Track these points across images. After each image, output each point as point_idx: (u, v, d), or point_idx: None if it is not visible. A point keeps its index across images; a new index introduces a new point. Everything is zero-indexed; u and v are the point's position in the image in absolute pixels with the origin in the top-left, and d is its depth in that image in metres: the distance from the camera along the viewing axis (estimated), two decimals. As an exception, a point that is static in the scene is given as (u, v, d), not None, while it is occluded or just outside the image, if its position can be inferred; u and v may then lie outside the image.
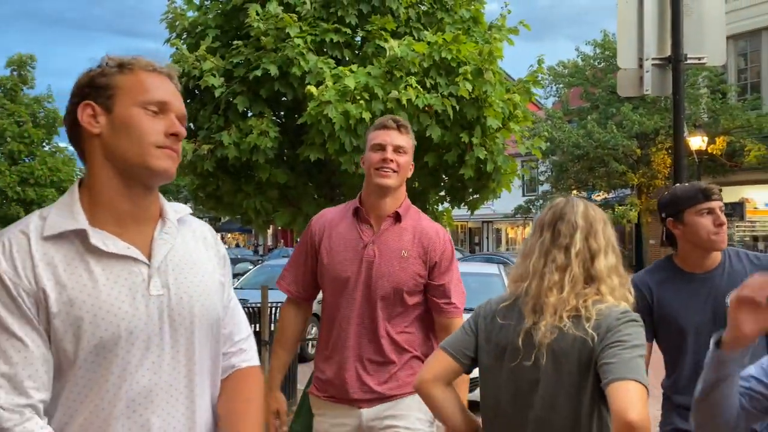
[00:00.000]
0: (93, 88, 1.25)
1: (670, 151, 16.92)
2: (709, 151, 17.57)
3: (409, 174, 2.35)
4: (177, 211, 1.36)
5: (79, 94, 1.25)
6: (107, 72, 1.25)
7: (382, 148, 2.26)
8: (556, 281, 1.62)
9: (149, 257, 1.26)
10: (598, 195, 21.21)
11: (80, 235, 1.20)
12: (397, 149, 2.27)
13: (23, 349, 1.11)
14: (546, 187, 22.79)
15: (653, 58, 4.48)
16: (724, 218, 2.22)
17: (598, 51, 20.36)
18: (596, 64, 20.18)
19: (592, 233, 1.67)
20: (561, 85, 22.11)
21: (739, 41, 21.59)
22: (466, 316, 2.09)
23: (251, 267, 17.33)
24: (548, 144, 19.46)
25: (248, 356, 1.45)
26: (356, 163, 4.67)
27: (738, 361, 1.34)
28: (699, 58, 4.52)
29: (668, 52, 4.47)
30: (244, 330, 1.47)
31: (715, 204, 2.23)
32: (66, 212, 1.22)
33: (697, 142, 16.59)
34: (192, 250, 1.34)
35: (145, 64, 1.27)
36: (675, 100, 4.46)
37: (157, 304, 1.23)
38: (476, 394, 1.86)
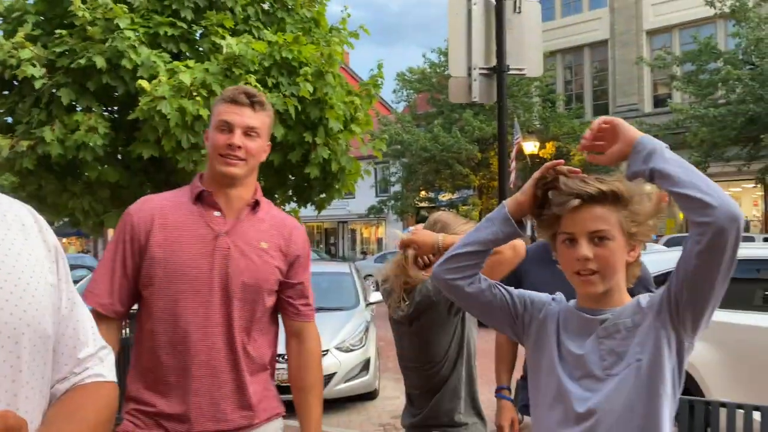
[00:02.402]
0: None
1: (507, 155, 18.25)
2: (540, 155, 19.18)
3: (264, 157, 1.95)
4: None
5: None
6: None
7: (229, 128, 1.84)
8: None
9: None
10: (444, 195, 22.33)
11: None
12: (248, 132, 1.85)
13: None
14: (397, 187, 23.56)
15: (480, 68, 4.82)
16: None
17: (443, 59, 21.43)
18: (441, 71, 21.22)
19: None
20: (410, 91, 22.99)
21: (566, 55, 23.83)
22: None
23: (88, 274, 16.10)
24: (398, 147, 20.14)
25: (95, 371, 1.07)
26: (194, 161, 4.55)
27: (510, 230, 1.48)
28: (520, 69, 4.93)
29: (494, 63, 4.83)
30: (91, 342, 1.08)
31: None
32: None
33: (530, 146, 18.07)
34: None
35: None
36: (499, 107, 4.84)
37: None
38: None
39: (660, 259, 4.54)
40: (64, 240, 44.46)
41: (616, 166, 1.42)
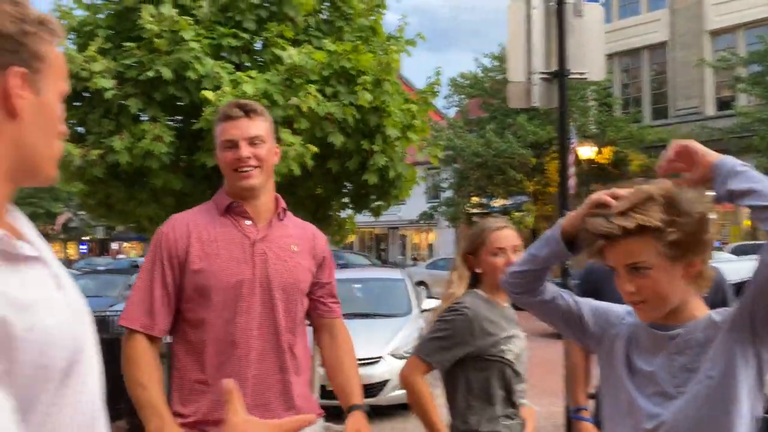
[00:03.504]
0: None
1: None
2: (597, 160, 18.75)
3: (276, 160, 2.00)
4: None
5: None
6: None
7: (233, 144, 1.89)
8: None
9: None
10: (497, 201, 22.09)
11: None
12: (253, 141, 1.89)
13: None
14: (448, 193, 23.44)
15: (540, 73, 4.75)
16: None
17: (495, 63, 21.22)
18: (494, 76, 21.02)
19: None
20: (462, 96, 22.87)
21: (624, 58, 23.25)
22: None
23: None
24: (450, 152, 20.04)
25: None
26: (255, 169, 4.62)
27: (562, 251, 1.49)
28: (581, 73, 4.84)
29: (554, 67, 4.75)
30: None
31: None
32: None
33: (586, 152, 17.69)
34: None
35: None
36: (561, 112, 4.76)
37: None
38: None
39: (731, 268, 4.35)
40: (126, 244, 46.07)
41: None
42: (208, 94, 4.25)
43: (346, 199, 5.84)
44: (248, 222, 1.94)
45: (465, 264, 2.29)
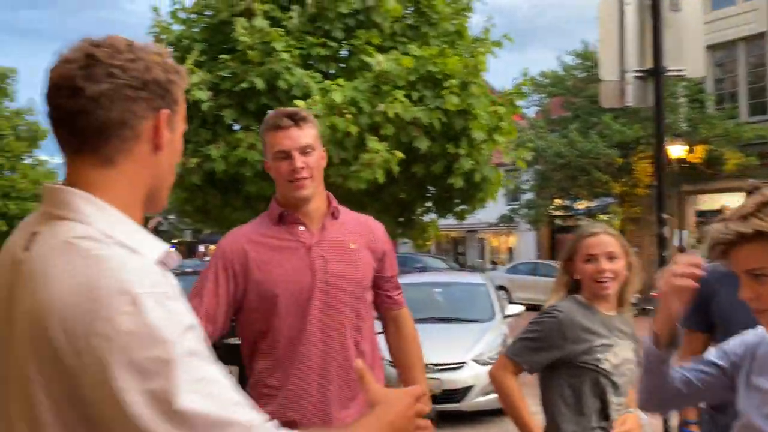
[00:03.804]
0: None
1: (651, 160, 17.14)
2: (689, 159, 17.84)
3: (324, 164, 2.03)
4: None
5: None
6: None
7: (287, 155, 1.91)
8: None
9: None
10: (581, 203, 21.43)
11: None
12: (304, 150, 1.91)
13: None
14: (529, 195, 22.97)
15: (635, 70, 4.56)
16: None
17: (578, 61, 20.63)
18: (577, 74, 20.43)
19: None
20: (543, 95, 22.37)
21: (717, 51, 22.02)
22: None
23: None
24: (532, 153, 19.61)
25: None
26: (342, 175, 4.71)
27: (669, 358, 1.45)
28: (679, 70, 4.61)
29: (649, 65, 4.55)
30: None
31: None
32: None
33: (677, 151, 16.85)
34: None
35: None
36: (656, 111, 4.55)
37: None
38: None
39: None
40: (212, 247, 48.03)
41: None
42: (299, 103, 4.37)
43: (429, 203, 5.85)
44: (302, 228, 1.96)
45: (565, 270, 2.23)
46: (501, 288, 17.56)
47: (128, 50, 0.94)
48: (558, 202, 21.90)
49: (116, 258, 0.88)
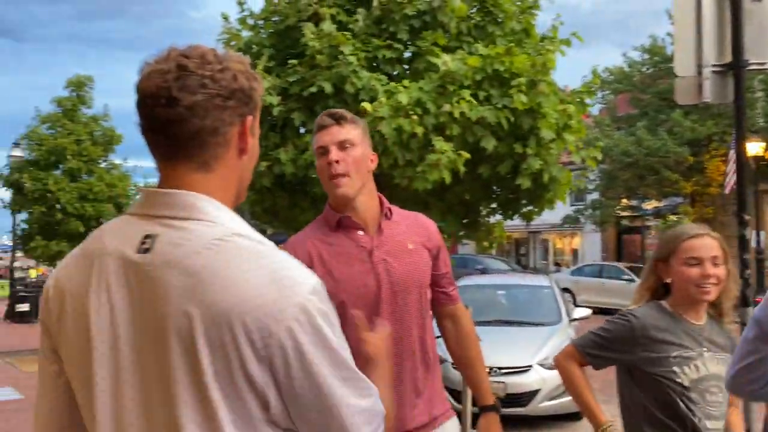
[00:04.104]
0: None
1: (724, 158, 16.42)
2: (766, 157, 16.97)
3: (373, 166, 1.99)
4: None
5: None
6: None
7: (325, 151, 1.91)
8: None
9: None
10: (650, 204, 20.71)
11: None
12: (342, 145, 1.90)
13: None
14: (594, 195, 22.37)
15: (713, 65, 4.38)
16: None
17: (646, 56, 19.96)
18: (644, 69, 19.77)
19: None
20: (608, 92, 21.74)
21: (796, 42, 20.83)
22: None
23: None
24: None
25: None
26: (408, 177, 4.72)
27: None
28: (761, 64, 4.39)
29: (728, 59, 4.36)
30: None
31: None
32: None
33: (754, 148, 16.04)
34: None
35: None
36: (737, 107, 4.35)
37: None
38: None
39: None
40: (279, 246, 49.13)
41: None
42: (367, 106, 4.41)
43: (494, 204, 5.78)
44: (360, 232, 1.96)
45: (653, 272, 2.12)
46: (565, 290, 17.18)
47: (216, 60, 0.99)
48: (625, 202, 21.23)
49: (274, 251, 0.98)
